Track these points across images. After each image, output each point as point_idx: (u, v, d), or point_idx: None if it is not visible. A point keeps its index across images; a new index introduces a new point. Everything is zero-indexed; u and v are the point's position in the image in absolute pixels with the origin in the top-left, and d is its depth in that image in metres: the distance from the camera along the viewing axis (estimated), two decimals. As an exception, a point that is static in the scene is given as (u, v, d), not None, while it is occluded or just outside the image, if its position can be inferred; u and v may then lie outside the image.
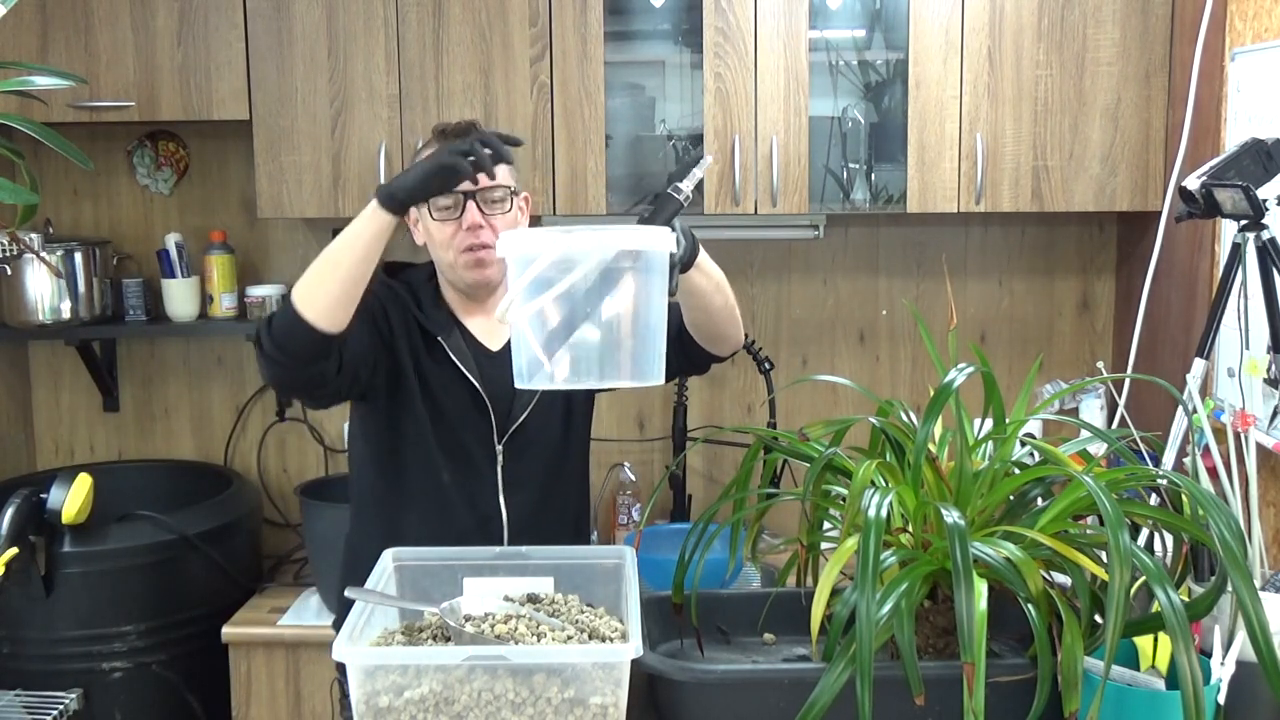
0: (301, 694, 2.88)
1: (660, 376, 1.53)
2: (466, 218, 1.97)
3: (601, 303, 1.47)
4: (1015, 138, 2.89)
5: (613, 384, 1.53)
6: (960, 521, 1.34)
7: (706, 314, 1.93)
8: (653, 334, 1.51)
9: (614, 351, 1.50)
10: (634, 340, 1.50)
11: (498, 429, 2.05)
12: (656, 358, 1.52)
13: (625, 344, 1.50)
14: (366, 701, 1.36)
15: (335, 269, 1.79)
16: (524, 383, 1.52)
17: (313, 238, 3.31)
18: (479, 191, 1.96)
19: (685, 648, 1.66)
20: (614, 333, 1.49)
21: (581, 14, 2.87)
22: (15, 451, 3.32)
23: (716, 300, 1.91)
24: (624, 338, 1.50)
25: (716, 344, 2.01)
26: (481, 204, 1.98)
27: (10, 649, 2.74)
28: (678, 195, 1.70)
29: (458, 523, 2.03)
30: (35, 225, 3.14)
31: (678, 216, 1.71)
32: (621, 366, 1.50)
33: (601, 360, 1.50)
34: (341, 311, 1.80)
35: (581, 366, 1.50)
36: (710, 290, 1.88)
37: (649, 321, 1.50)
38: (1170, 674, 1.41)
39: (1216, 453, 1.64)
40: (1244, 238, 1.98)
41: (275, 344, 1.81)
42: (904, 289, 3.31)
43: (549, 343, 1.49)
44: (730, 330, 2.00)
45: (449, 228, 1.98)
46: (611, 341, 1.49)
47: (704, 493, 3.34)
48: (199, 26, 2.90)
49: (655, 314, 1.51)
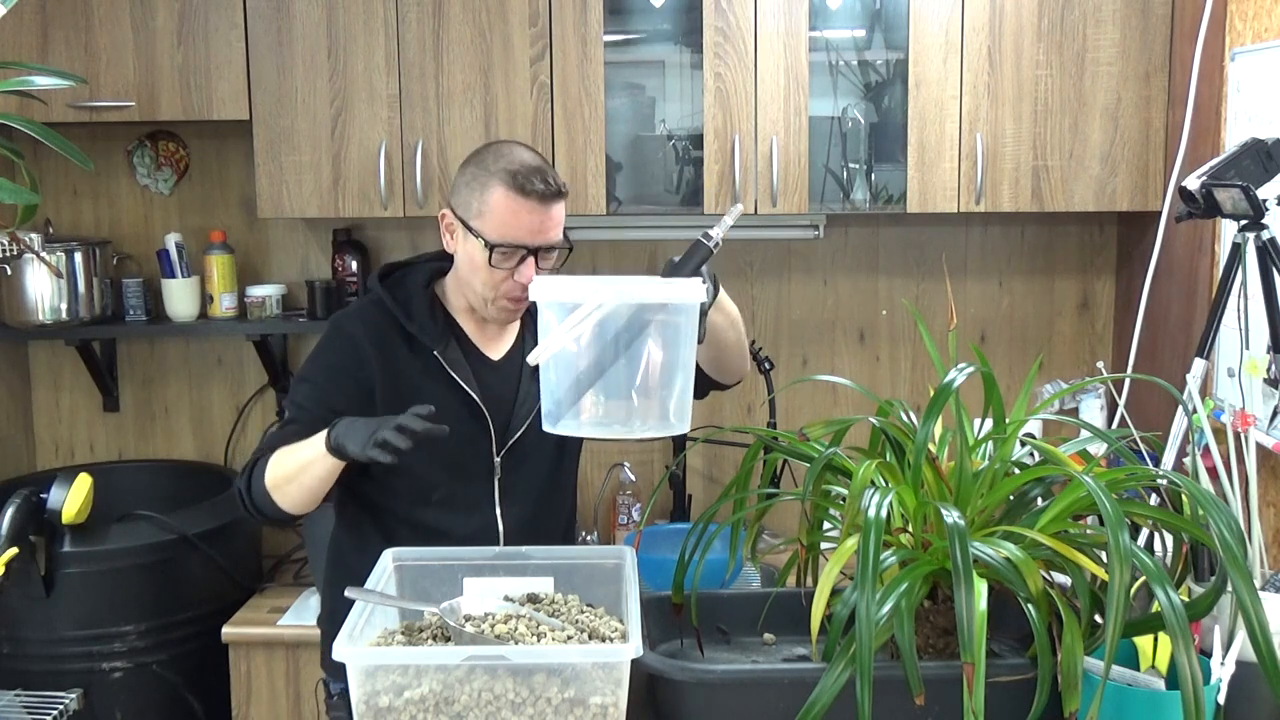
0: (301, 694, 2.88)
1: (686, 426, 1.54)
2: (523, 272, 1.93)
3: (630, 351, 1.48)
4: (1015, 138, 2.89)
5: (640, 434, 1.54)
6: (960, 521, 1.34)
7: (719, 348, 1.93)
8: (680, 383, 1.52)
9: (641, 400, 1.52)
10: (661, 389, 1.52)
11: (497, 441, 2.02)
12: (683, 407, 1.53)
13: (653, 393, 1.52)
14: (366, 701, 1.36)
15: (298, 484, 1.86)
16: (550, 426, 1.53)
17: (312, 238, 3.31)
18: (542, 249, 1.94)
19: (685, 648, 1.66)
20: (642, 381, 1.51)
21: (581, 14, 2.87)
22: (15, 451, 3.32)
23: (730, 336, 1.92)
24: (652, 387, 1.51)
25: (722, 375, 2.03)
26: (540, 259, 1.95)
27: (10, 649, 2.74)
28: (707, 242, 1.72)
29: (452, 535, 1.98)
30: (35, 225, 3.14)
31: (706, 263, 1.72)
32: (648, 416, 1.52)
33: (628, 408, 1.52)
34: (310, 504, 1.89)
35: (608, 414, 1.52)
36: (725, 327, 1.89)
37: (676, 371, 1.52)
38: (1170, 674, 1.41)
39: (1216, 453, 1.64)
40: (1244, 238, 1.98)
41: (257, 509, 1.91)
42: (904, 289, 3.31)
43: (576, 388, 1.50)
44: (738, 364, 2.02)
45: (500, 274, 1.94)
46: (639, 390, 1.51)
47: (704, 493, 3.34)
48: (199, 26, 2.90)
49: (684, 363, 1.52)
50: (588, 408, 1.51)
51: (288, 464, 1.86)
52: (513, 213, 1.91)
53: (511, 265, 1.94)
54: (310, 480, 1.84)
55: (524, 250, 1.92)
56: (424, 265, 2.10)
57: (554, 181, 1.93)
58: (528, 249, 1.92)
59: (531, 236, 1.92)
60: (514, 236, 1.92)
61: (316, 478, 1.83)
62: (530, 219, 1.92)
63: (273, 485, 1.86)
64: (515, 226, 1.92)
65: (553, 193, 1.93)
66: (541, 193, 1.91)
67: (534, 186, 1.91)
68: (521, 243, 1.92)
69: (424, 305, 2.03)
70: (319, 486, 1.85)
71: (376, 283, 2.06)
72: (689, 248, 1.72)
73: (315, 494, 1.86)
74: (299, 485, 1.85)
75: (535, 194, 1.91)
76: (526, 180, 1.91)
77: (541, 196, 1.92)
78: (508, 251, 1.92)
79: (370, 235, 3.29)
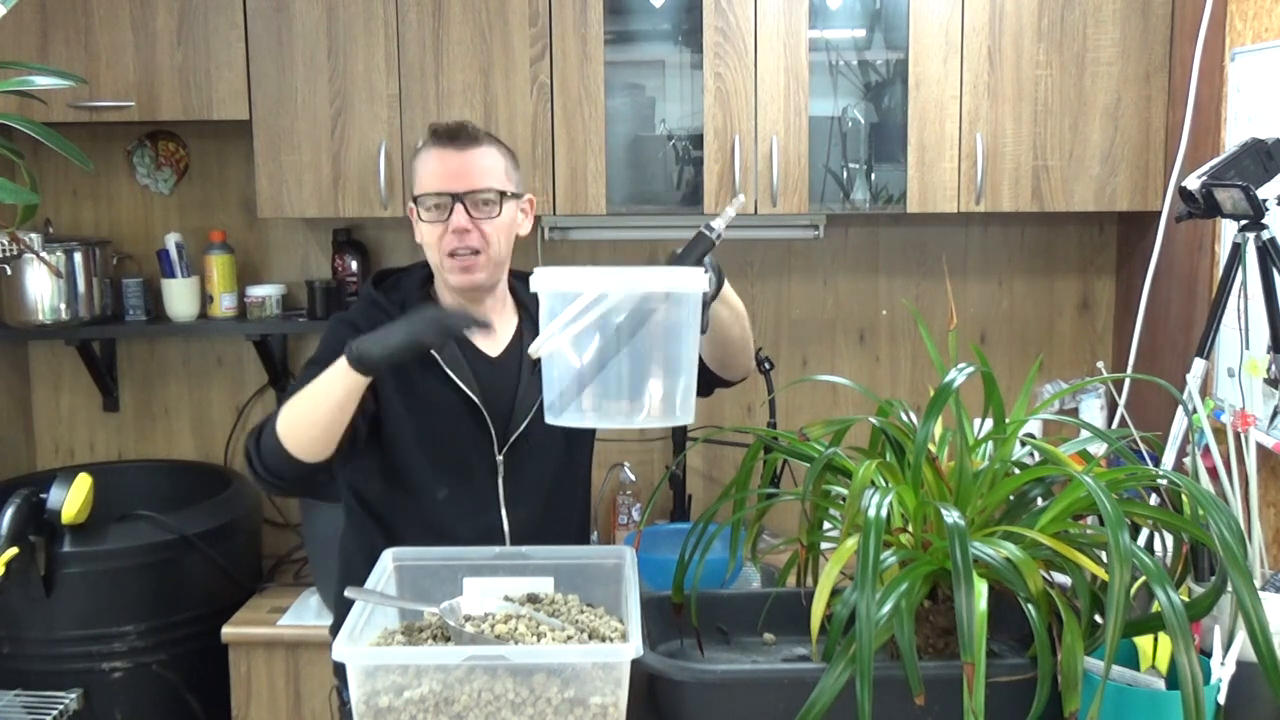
0: (301, 694, 2.88)
1: (690, 416, 1.54)
2: (454, 220, 1.95)
3: (633, 341, 1.48)
4: (1015, 138, 2.89)
5: (643, 423, 1.53)
6: (960, 521, 1.34)
7: (724, 343, 1.92)
8: (684, 373, 1.52)
9: (645, 390, 1.51)
10: (665, 379, 1.51)
11: (498, 439, 2.01)
12: (687, 397, 1.53)
13: (656, 383, 1.51)
14: (366, 701, 1.36)
15: (313, 416, 1.80)
16: (554, 418, 1.53)
17: (312, 238, 3.31)
18: (468, 194, 1.95)
19: (685, 648, 1.66)
20: (645, 372, 1.50)
21: (581, 14, 2.87)
22: (15, 451, 3.32)
23: (734, 330, 1.91)
24: (655, 377, 1.51)
25: (727, 371, 2.01)
26: (470, 207, 1.95)
27: (10, 649, 2.74)
28: (710, 234, 1.72)
29: (458, 536, 1.96)
30: (35, 225, 3.14)
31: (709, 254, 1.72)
32: (652, 405, 1.51)
33: (632, 399, 1.51)
34: (324, 447, 1.81)
35: (612, 405, 1.51)
36: (730, 321, 1.88)
37: (679, 361, 1.51)
38: (1170, 674, 1.41)
39: (1216, 453, 1.64)
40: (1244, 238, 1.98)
41: (266, 468, 1.84)
42: (904, 289, 3.31)
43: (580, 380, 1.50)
44: (743, 360, 2.00)
45: (437, 229, 1.96)
46: (642, 381, 1.50)
47: (704, 493, 3.34)
48: (199, 26, 2.90)
49: (686, 353, 1.52)
50: (590, 399, 1.50)
51: (301, 402, 1.81)
52: (432, 161, 1.97)
53: (444, 218, 1.96)
54: (327, 409, 1.77)
55: (449, 197, 1.95)
56: (417, 270, 2.11)
57: (470, 128, 1.98)
58: (451, 195, 1.95)
59: (453, 182, 1.95)
60: (435, 185, 1.96)
61: (336, 403, 1.77)
62: (447, 164, 1.96)
63: (285, 431, 1.80)
64: (436, 174, 1.96)
65: (466, 137, 1.97)
66: (454, 134, 1.96)
67: (442, 131, 1.97)
68: (444, 189, 1.95)
69: (420, 304, 2.03)
70: (337, 415, 1.78)
71: (371, 287, 2.08)
72: (691, 239, 1.72)
73: (329, 430, 1.79)
74: (313, 420, 1.79)
75: (447, 137, 1.96)
76: (442, 130, 1.98)
77: (454, 138, 1.96)
78: (436, 204, 1.96)
79: (370, 235, 3.30)
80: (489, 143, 2.00)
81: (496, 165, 1.99)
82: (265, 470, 1.84)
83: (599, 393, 1.50)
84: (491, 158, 1.99)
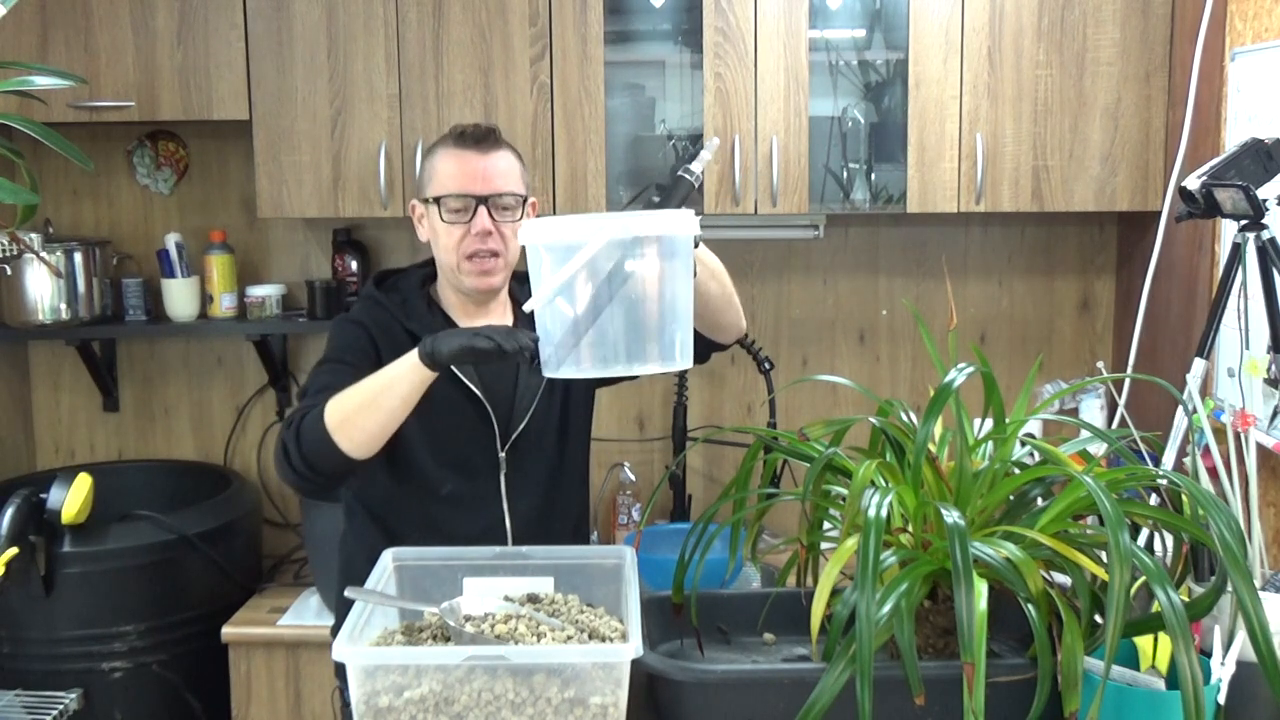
0: (301, 694, 2.88)
1: (689, 360, 1.53)
2: (476, 223, 1.95)
3: (627, 288, 1.47)
4: (1015, 138, 2.89)
5: (641, 370, 1.52)
6: (960, 521, 1.34)
7: (703, 301, 1.88)
8: (679, 318, 1.51)
9: (641, 337, 1.50)
10: (660, 324, 1.50)
11: (500, 436, 2.02)
12: (684, 341, 1.52)
13: (652, 329, 1.50)
14: (366, 701, 1.36)
15: (374, 410, 1.77)
16: (552, 371, 1.52)
17: (313, 238, 3.31)
18: (491, 197, 1.95)
19: (685, 648, 1.66)
20: (640, 318, 1.49)
21: (581, 14, 2.87)
22: (15, 451, 3.32)
23: (712, 287, 1.89)
24: (650, 322, 1.50)
25: (716, 332, 1.99)
26: (493, 210, 1.96)
27: (10, 649, 2.74)
28: (689, 176, 1.71)
29: (460, 533, 1.96)
30: (35, 225, 3.14)
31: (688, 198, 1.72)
32: (649, 351, 1.50)
33: (629, 346, 1.50)
34: (377, 444, 1.80)
35: (609, 353, 1.50)
36: (705, 278, 1.85)
37: (675, 305, 1.50)
38: (1170, 674, 1.41)
39: (1216, 453, 1.64)
40: (1244, 238, 1.98)
41: (306, 463, 1.81)
42: (904, 289, 3.31)
43: (575, 331, 1.48)
44: (730, 317, 1.97)
45: (457, 231, 1.96)
46: (638, 327, 1.49)
47: (704, 493, 3.34)
48: (199, 26, 2.90)
49: (681, 297, 1.51)
50: (587, 349, 1.49)
51: (357, 396, 1.79)
52: (454, 162, 1.97)
53: (466, 220, 1.96)
54: (389, 403, 1.76)
55: (472, 200, 1.95)
56: (417, 270, 2.13)
57: (495, 132, 1.99)
58: (475, 198, 1.95)
59: (476, 184, 1.95)
60: (459, 186, 1.96)
61: (399, 397, 1.76)
62: (471, 166, 1.96)
63: (336, 424, 1.77)
64: (458, 175, 1.96)
65: (488, 139, 1.97)
66: (477, 137, 1.97)
67: (469, 134, 1.97)
68: (467, 191, 1.95)
69: (421, 304, 2.05)
70: (397, 409, 1.77)
71: (373, 288, 2.08)
72: (671, 183, 1.72)
73: (387, 425, 1.78)
74: (372, 414, 1.76)
75: (471, 140, 1.97)
76: (462, 132, 1.99)
77: (478, 142, 1.97)
78: (459, 206, 1.96)
79: (370, 235, 3.30)
80: (507, 146, 2.03)
81: (514, 169, 2.01)
82: (305, 465, 1.81)
83: (596, 341, 1.49)
84: (510, 161, 2.01)
